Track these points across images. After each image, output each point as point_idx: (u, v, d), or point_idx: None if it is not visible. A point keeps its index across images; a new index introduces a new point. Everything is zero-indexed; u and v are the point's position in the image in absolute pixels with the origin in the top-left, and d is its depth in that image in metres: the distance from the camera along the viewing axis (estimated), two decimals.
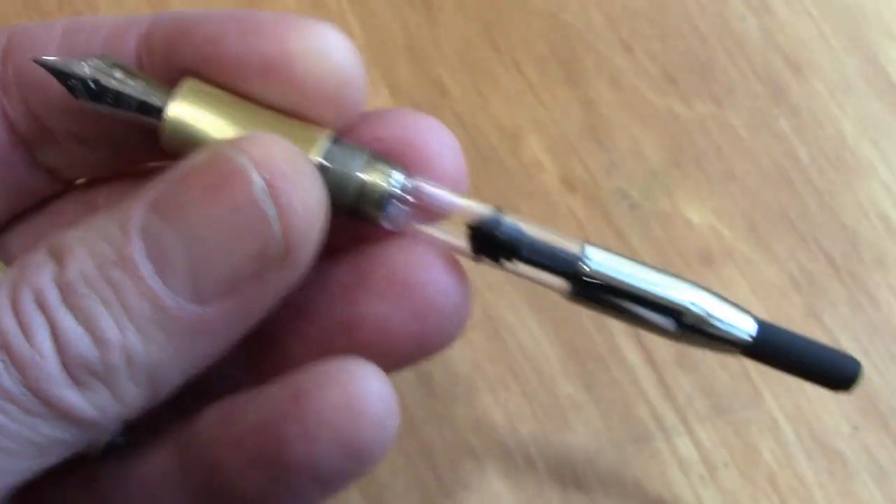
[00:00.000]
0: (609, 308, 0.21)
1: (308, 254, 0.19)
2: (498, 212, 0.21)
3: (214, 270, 0.18)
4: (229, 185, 0.18)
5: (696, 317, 0.20)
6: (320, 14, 0.38)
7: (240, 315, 0.18)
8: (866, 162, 0.36)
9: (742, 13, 0.39)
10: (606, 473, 0.31)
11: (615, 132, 0.37)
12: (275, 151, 0.18)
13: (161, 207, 0.18)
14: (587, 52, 0.38)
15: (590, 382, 0.33)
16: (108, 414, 0.18)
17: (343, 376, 0.19)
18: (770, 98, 0.37)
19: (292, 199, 0.18)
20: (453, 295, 0.21)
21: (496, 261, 0.21)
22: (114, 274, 0.17)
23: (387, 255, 0.21)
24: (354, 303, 0.21)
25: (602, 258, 0.21)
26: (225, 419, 0.20)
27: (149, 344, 0.17)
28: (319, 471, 0.19)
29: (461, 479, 0.31)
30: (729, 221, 0.35)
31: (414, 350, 0.21)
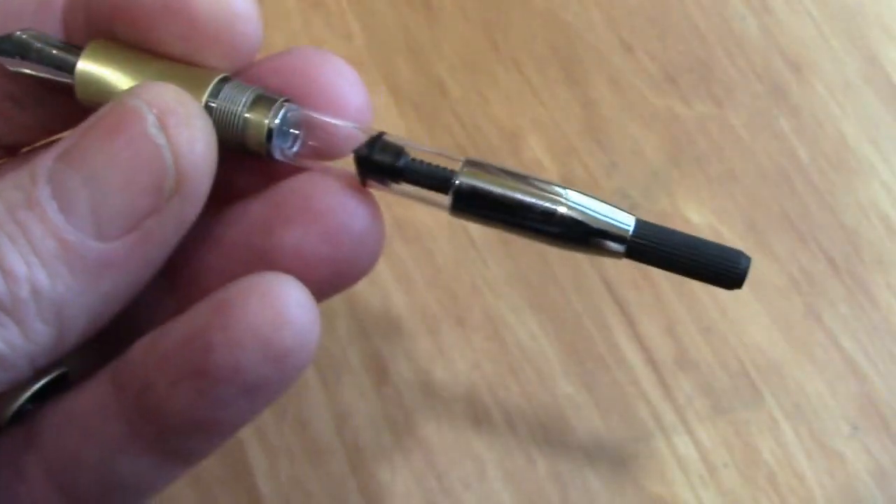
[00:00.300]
0: (490, 218, 0.21)
1: (201, 186, 0.20)
2: (380, 135, 0.21)
3: (114, 206, 0.19)
4: (124, 124, 0.19)
5: (574, 212, 0.20)
6: (320, 14, 0.38)
7: (142, 251, 0.19)
8: (866, 162, 0.36)
9: (742, 13, 0.39)
10: (606, 473, 0.31)
11: (615, 132, 0.37)
12: (165, 93, 0.20)
13: (67, 155, 0.19)
14: (587, 52, 0.38)
15: (590, 382, 0.33)
16: (18, 351, 0.18)
17: (264, 286, 0.20)
18: (770, 98, 0.37)
19: (182, 132, 0.19)
20: (363, 218, 0.21)
21: (383, 184, 0.21)
22: (20, 214, 0.18)
23: (299, 186, 0.22)
24: (269, 232, 0.21)
25: (479, 169, 0.21)
26: (153, 340, 0.21)
27: (55, 279, 0.18)
28: (245, 378, 0.19)
29: (461, 479, 0.31)
30: (729, 221, 0.35)
31: (330, 276, 0.21)
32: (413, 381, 0.32)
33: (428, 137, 0.36)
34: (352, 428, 0.32)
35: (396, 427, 0.32)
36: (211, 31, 0.21)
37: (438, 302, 0.33)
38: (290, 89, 0.22)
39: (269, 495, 0.31)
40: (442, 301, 0.33)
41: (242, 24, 0.21)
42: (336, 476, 0.31)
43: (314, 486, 0.31)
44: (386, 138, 0.21)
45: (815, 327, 0.34)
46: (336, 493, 0.31)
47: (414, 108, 0.37)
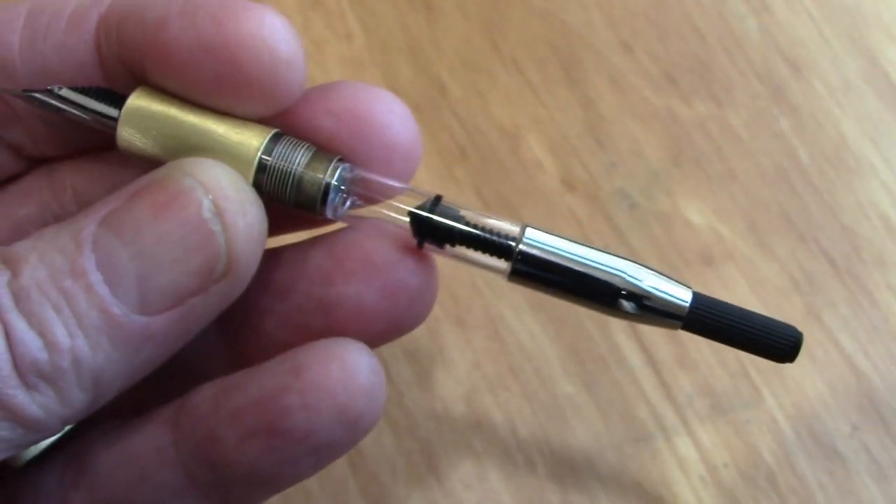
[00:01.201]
0: (549, 286, 0.21)
1: (250, 268, 0.20)
2: (437, 198, 0.22)
3: (161, 283, 0.19)
4: (178, 204, 0.19)
5: (632, 287, 0.21)
6: (320, 14, 0.38)
7: (183, 325, 0.19)
8: (866, 162, 0.36)
9: (742, 13, 0.39)
10: (606, 473, 0.31)
11: (615, 132, 0.37)
12: (219, 174, 0.19)
13: (112, 222, 0.19)
14: (587, 52, 0.38)
15: (590, 382, 0.33)
16: (53, 415, 0.19)
17: (339, 351, 0.20)
18: (770, 98, 0.37)
19: (238, 220, 0.19)
20: (421, 274, 0.22)
21: (440, 246, 0.22)
22: (66, 283, 0.18)
23: (359, 239, 0.22)
24: (330, 284, 0.22)
25: (539, 238, 0.21)
26: (222, 394, 0.21)
27: (96, 350, 0.18)
28: (317, 440, 0.20)
29: (461, 479, 0.31)
30: (729, 221, 0.35)
31: (385, 328, 0.22)
32: (413, 381, 0.32)
33: (428, 137, 0.36)
34: None
35: (396, 427, 0.32)
36: (253, 78, 0.20)
37: (438, 302, 0.33)
38: (343, 131, 0.22)
39: None
40: (442, 301, 0.33)
41: (286, 70, 0.20)
42: (336, 476, 0.31)
43: (314, 486, 0.31)
44: (444, 202, 0.22)
45: (815, 327, 0.34)
46: (336, 493, 0.31)
47: (414, 108, 0.37)
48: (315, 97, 0.22)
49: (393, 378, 0.32)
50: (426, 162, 0.36)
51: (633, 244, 0.35)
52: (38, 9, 0.22)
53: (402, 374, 0.32)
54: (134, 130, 0.21)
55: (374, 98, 0.22)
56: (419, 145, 0.23)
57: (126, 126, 0.21)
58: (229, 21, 0.20)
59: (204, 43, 0.20)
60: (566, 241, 0.21)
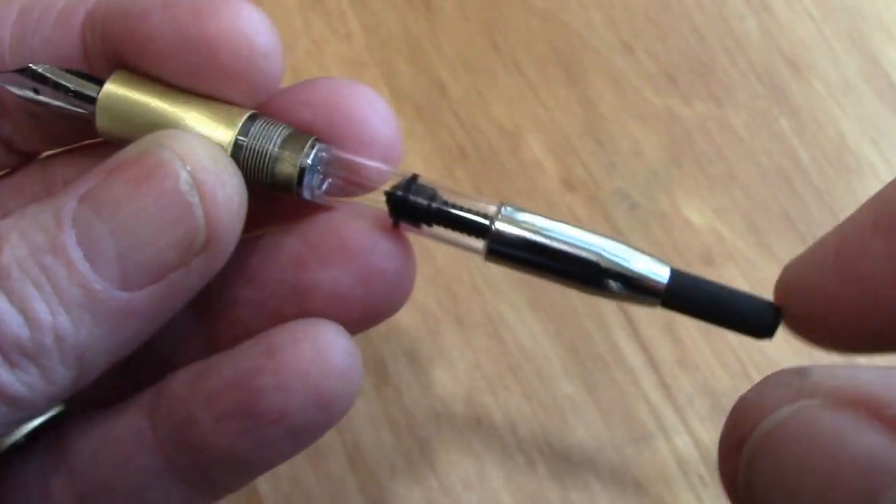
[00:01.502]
0: (526, 265, 0.21)
1: (229, 241, 0.20)
2: (413, 177, 0.21)
3: (141, 258, 0.19)
4: (155, 177, 0.19)
5: (610, 264, 0.21)
6: (320, 14, 0.39)
7: (165, 300, 0.19)
8: (866, 162, 0.36)
9: (742, 13, 0.39)
10: (606, 473, 0.31)
11: (615, 132, 0.37)
12: (196, 146, 0.19)
13: (91, 198, 0.19)
14: (587, 52, 0.38)
15: (590, 382, 0.33)
16: (38, 393, 0.19)
17: (312, 332, 0.20)
18: (770, 98, 0.37)
19: (217, 192, 0.19)
20: (397, 259, 0.22)
21: (416, 226, 0.21)
22: (46, 260, 0.18)
23: (333, 224, 0.22)
24: (305, 269, 0.21)
25: (516, 216, 0.21)
26: (198, 377, 0.21)
27: (78, 327, 0.18)
28: (292, 421, 0.20)
29: (461, 478, 0.31)
30: (729, 221, 0.35)
31: (362, 314, 0.22)
32: (413, 381, 0.32)
33: (428, 137, 0.36)
34: (352, 428, 0.32)
35: (396, 427, 0.32)
36: (231, 68, 0.21)
37: (438, 302, 0.33)
38: (321, 123, 0.22)
39: (269, 495, 0.31)
40: (442, 301, 0.33)
41: (264, 61, 0.21)
42: (336, 476, 0.31)
43: (314, 485, 0.31)
44: (420, 181, 0.21)
45: None
46: (336, 493, 0.31)
47: (414, 108, 0.37)
48: (295, 90, 0.22)
49: (393, 378, 0.32)
50: (426, 162, 0.36)
51: (634, 244, 0.35)
52: (30, 6, 0.22)
53: (402, 374, 0.32)
54: (112, 113, 0.21)
55: (353, 92, 0.22)
56: (399, 142, 0.22)
57: (104, 109, 0.21)
58: (208, 14, 0.20)
59: (183, 35, 0.20)
60: (543, 219, 0.21)
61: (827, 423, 0.15)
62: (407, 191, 0.21)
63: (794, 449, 0.15)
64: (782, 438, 0.15)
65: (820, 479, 0.14)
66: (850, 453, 0.14)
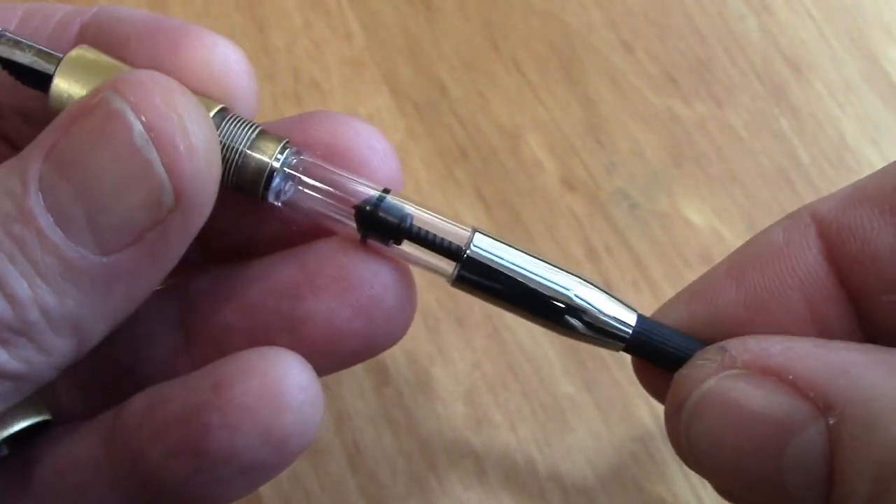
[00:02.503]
0: (492, 295, 0.20)
1: (204, 197, 0.18)
2: (384, 193, 0.20)
3: (111, 219, 0.17)
4: (109, 131, 0.17)
5: (575, 306, 0.20)
6: (320, 14, 0.39)
7: (149, 260, 0.18)
8: (866, 162, 0.36)
9: (742, 13, 0.39)
10: (606, 473, 0.31)
11: (615, 132, 0.37)
12: (152, 90, 0.18)
13: (54, 157, 0.18)
14: (587, 52, 0.38)
15: (590, 382, 0.33)
16: (38, 365, 0.18)
17: (262, 365, 0.19)
18: (770, 98, 0.37)
19: (175, 140, 0.17)
20: (397, 292, 0.21)
21: (384, 243, 0.20)
22: (15, 229, 0.17)
23: (332, 252, 0.21)
24: (300, 299, 0.21)
25: (488, 244, 0.20)
26: (149, 408, 0.20)
27: (62, 297, 0.17)
28: (241, 461, 0.19)
29: (461, 479, 0.31)
30: (729, 221, 0.35)
31: (359, 347, 0.21)
32: (413, 381, 0.32)
33: (428, 137, 0.36)
34: (352, 428, 0.32)
35: (396, 427, 0.32)
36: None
37: (438, 302, 0.33)
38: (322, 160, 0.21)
39: (269, 495, 0.31)
40: (442, 301, 0.33)
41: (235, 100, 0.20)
42: (336, 476, 0.31)
43: (314, 485, 0.31)
44: (391, 197, 0.20)
45: None
46: (336, 493, 0.31)
47: (414, 108, 0.37)
48: (293, 125, 0.21)
49: (393, 378, 0.32)
50: (426, 162, 0.36)
51: (633, 244, 0.35)
52: (33, 12, 0.22)
53: (402, 374, 0.32)
54: (71, 82, 0.20)
55: (353, 133, 0.21)
56: (400, 182, 0.22)
57: (63, 76, 0.20)
58: (183, 47, 0.20)
59: (158, 65, 0.20)
60: (515, 252, 0.20)
61: (741, 389, 0.18)
62: (376, 206, 0.20)
63: (717, 412, 0.18)
64: (708, 405, 0.18)
65: (737, 434, 0.18)
66: (760, 411, 0.17)
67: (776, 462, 0.17)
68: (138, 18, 0.21)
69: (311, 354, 0.20)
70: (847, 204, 0.21)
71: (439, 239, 0.20)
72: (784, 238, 0.21)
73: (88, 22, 0.22)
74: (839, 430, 0.17)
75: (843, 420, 0.17)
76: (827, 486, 0.17)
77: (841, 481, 0.17)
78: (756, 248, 0.21)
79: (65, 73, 0.20)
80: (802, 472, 0.17)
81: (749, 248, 0.22)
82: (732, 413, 0.18)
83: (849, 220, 0.21)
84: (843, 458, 0.17)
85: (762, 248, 0.21)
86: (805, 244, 0.21)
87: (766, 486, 0.18)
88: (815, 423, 0.17)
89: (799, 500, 0.17)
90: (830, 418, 0.17)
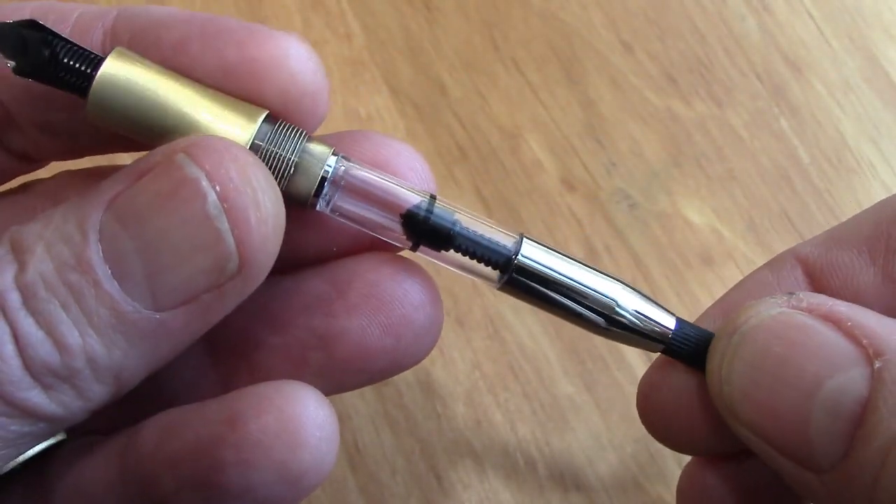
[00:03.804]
0: (539, 300, 0.21)
1: (265, 264, 0.18)
2: (431, 199, 0.21)
3: (171, 279, 0.17)
4: (180, 197, 0.17)
5: (619, 311, 0.21)
6: (320, 14, 0.38)
7: (200, 318, 0.18)
8: (866, 162, 0.36)
9: (742, 13, 0.39)
10: (606, 473, 0.31)
11: (615, 132, 0.37)
12: (226, 159, 0.17)
13: (117, 209, 0.18)
14: (587, 52, 0.38)
15: (590, 382, 0.33)
16: (74, 410, 0.18)
17: (279, 400, 0.19)
18: (770, 98, 0.37)
19: (247, 213, 0.17)
20: (427, 310, 0.21)
21: (435, 250, 0.21)
22: (72, 277, 0.17)
23: (363, 270, 0.21)
24: (333, 316, 0.21)
25: (536, 252, 0.21)
26: (164, 433, 0.20)
27: (110, 348, 0.17)
28: (255, 496, 0.19)
29: (461, 479, 0.31)
30: (729, 221, 0.35)
31: (387, 365, 0.21)
32: (413, 381, 0.32)
33: (428, 137, 0.36)
34: (352, 428, 0.32)
35: (396, 427, 0.32)
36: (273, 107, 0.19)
37: None
38: None
39: None
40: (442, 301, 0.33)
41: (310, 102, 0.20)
42: (336, 476, 0.31)
43: None
44: (439, 203, 0.20)
45: None
46: (336, 493, 0.31)
47: (414, 108, 0.37)
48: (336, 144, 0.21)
49: (393, 378, 0.32)
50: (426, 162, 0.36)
51: (633, 244, 0.35)
52: (40, 15, 0.21)
53: (403, 374, 0.32)
54: (108, 98, 0.19)
55: (394, 153, 0.21)
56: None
57: (99, 92, 0.19)
58: (253, 47, 0.19)
59: (225, 66, 0.19)
60: (561, 258, 0.21)
61: (799, 322, 0.18)
62: (428, 212, 0.20)
63: (769, 339, 0.19)
64: (762, 330, 0.19)
65: (780, 363, 0.18)
66: (809, 344, 0.18)
67: (809, 397, 0.18)
68: (185, 20, 0.20)
69: (341, 371, 0.20)
70: (828, 246, 0.22)
71: (488, 246, 0.21)
72: (773, 277, 0.22)
73: (116, 27, 0.21)
74: (883, 372, 0.17)
75: (889, 365, 0.17)
76: (852, 429, 0.17)
77: (872, 419, 0.17)
78: (747, 289, 0.23)
79: (106, 78, 0.19)
80: (833, 411, 0.17)
81: (739, 290, 0.23)
82: (783, 342, 0.18)
83: (831, 259, 0.22)
84: (880, 396, 0.17)
85: (753, 287, 0.22)
86: (794, 281, 0.22)
87: (789, 422, 0.18)
88: (861, 367, 0.18)
89: (815, 443, 0.18)
90: (877, 363, 0.17)
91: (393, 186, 0.20)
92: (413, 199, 0.20)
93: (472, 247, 0.21)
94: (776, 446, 0.18)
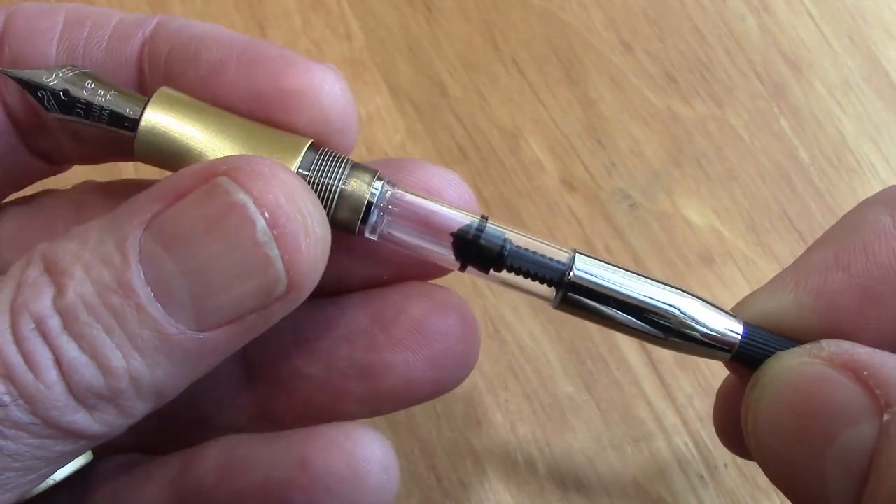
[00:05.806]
0: (597, 316, 0.21)
1: (312, 284, 0.19)
2: (483, 220, 0.20)
3: (218, 302, 0.17)
4: (229, 223, 0.17)
5: (682, 322, 0.20)
6: (320, 14, 0.38)
7: (243, 336, 0.18)
8: (866, 162, 0.36)
9: (742, 13, 0.39)
10: (606, 473, 0.31)
11: (615, 132, 0.37)
12: (274, 184, 0.17)
13: (157, 231, 0.17)
14: (587, 52, 0.38)
15: (590, 382, 0.33)
16: (116, 427, 0.18)
17: (349, 445, 0.19)
18: (770, 98, 0.37)
19: (297, 239, 0.17)
20: (466, 343, 0.21)
21: (484, 271, 0.20)
22: (114, 300, 0.17)
23: (406, 304, 0.21)
24: (377, 350, 0.21)
25: (590, 267, 0.20)
26: (228, 468, 0.20)
27: (154, 369, 0.17)
28: None
29: (461, 479, 0.31)
30: (729, 221, 0.35)
31: (427, 394, 0.21)
32: None
33: (428, 137, 0.36)
34: None
35: (396, 427, 0.32)
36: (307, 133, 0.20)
37: None
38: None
39: None
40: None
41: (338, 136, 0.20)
42: None
43: None
44: (490, 224, 0.20)
45: None
46: None
47: (414, 108, 0.37)
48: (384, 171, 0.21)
49: None
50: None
51: (633, 244, 0.35)
52: (76, 19, 0.21)
53: None
54: (155, 136, 0.19)
55: (445, 183, 0.21)
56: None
57: (146, 133, 0.19)
58: (289, 77, 0.19)
59: (259, 94, 0.19)
60: (616, 271, 0.20)
61: (815, 374, 0.18)
62: (477, 233, 0.20)
63: (786, 391, 0.19)
64: (781, 382, 0.19)
65: (796, 416, 0.18)
66: (824, 397, 0.18)
67: (823, 452, 0.18)
68: (226, 41, 0.20)
69: (382, 400, 0.21)
70: None
71: (541, 263, 0.20)
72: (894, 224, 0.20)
73: (155, 40, 0.21)
74: (889, 426, 0.17)
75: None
76: (860, 484, 0.17)
77: (876, 475, 0.17)
78: (862, 234, 0.20)
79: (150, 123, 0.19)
80: (845, 466, 0.17)
81: (853, 232, 0.21)
82: (800, 395, 0.18)
83: None
84: (885, 451, 0.17)
85: (869, 234, 0.20)
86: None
87: (807, 479, 0.18)
88: (870, 419, 0.17)
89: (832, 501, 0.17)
90: (886, 415, 0.17)
91: (441, 208, 0.20)
92: (462, 220, 0.20)
93: (525, 265, 0.20)
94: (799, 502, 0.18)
